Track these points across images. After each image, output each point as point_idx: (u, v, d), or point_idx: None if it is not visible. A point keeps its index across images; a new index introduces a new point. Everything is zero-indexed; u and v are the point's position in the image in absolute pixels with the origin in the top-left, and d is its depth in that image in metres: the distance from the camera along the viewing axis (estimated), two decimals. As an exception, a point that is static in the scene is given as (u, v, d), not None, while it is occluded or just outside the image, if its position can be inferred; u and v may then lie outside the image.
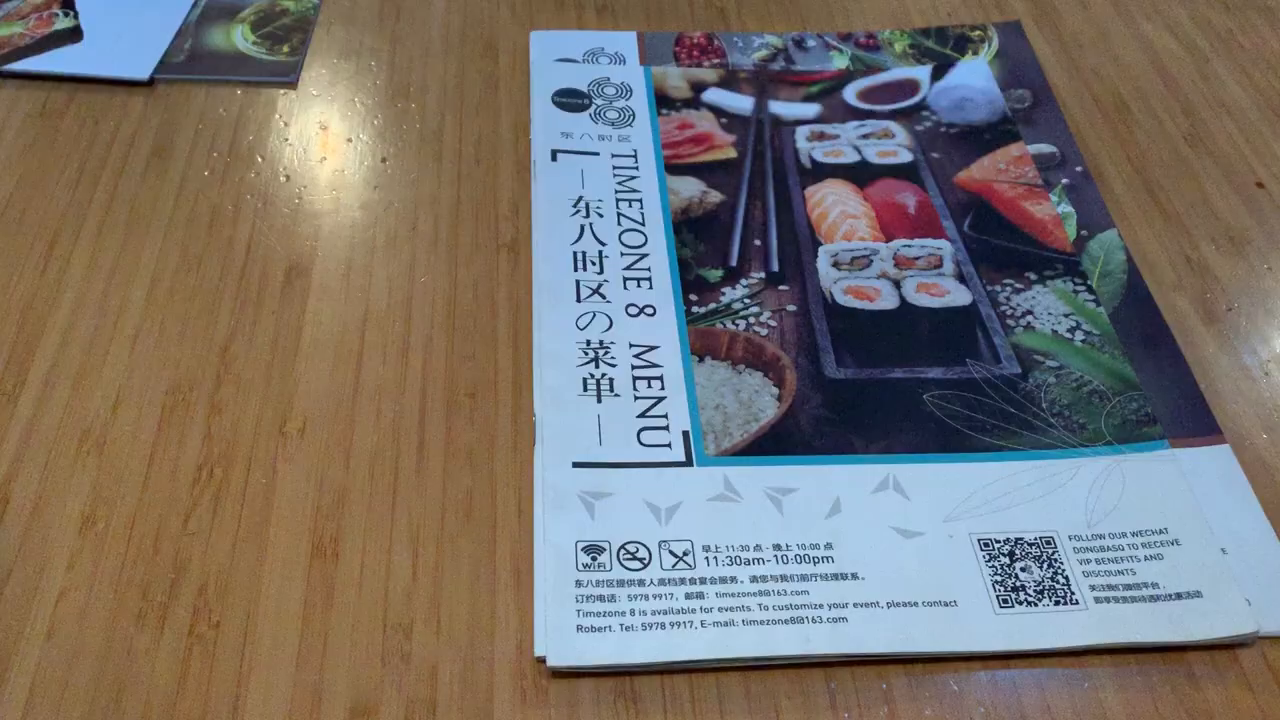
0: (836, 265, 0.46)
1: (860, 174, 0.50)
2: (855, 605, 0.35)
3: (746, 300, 0.44)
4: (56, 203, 0.47)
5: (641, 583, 0.35)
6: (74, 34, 0.54)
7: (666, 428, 0.40)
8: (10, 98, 0.52)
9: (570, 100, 0.53)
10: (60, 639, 0.34)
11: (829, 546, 0.37)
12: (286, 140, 0.51)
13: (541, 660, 0.34)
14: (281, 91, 0.53)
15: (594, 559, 0.36)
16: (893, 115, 0.53)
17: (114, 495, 0.37)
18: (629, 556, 0.36)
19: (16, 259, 0.45)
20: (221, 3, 0.57)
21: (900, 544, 0.37)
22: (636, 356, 0.42)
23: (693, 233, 0.47)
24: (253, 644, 0.34)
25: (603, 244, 0.46)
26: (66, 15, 0.55)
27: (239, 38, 0.55)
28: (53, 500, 0.37)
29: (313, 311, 0.43)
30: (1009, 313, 0.45)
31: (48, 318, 0.43)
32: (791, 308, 0.44)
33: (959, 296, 0.45)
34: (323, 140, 0.51)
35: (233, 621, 0.34)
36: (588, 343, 0.42)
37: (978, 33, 0.58)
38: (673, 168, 0.50)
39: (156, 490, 0.38)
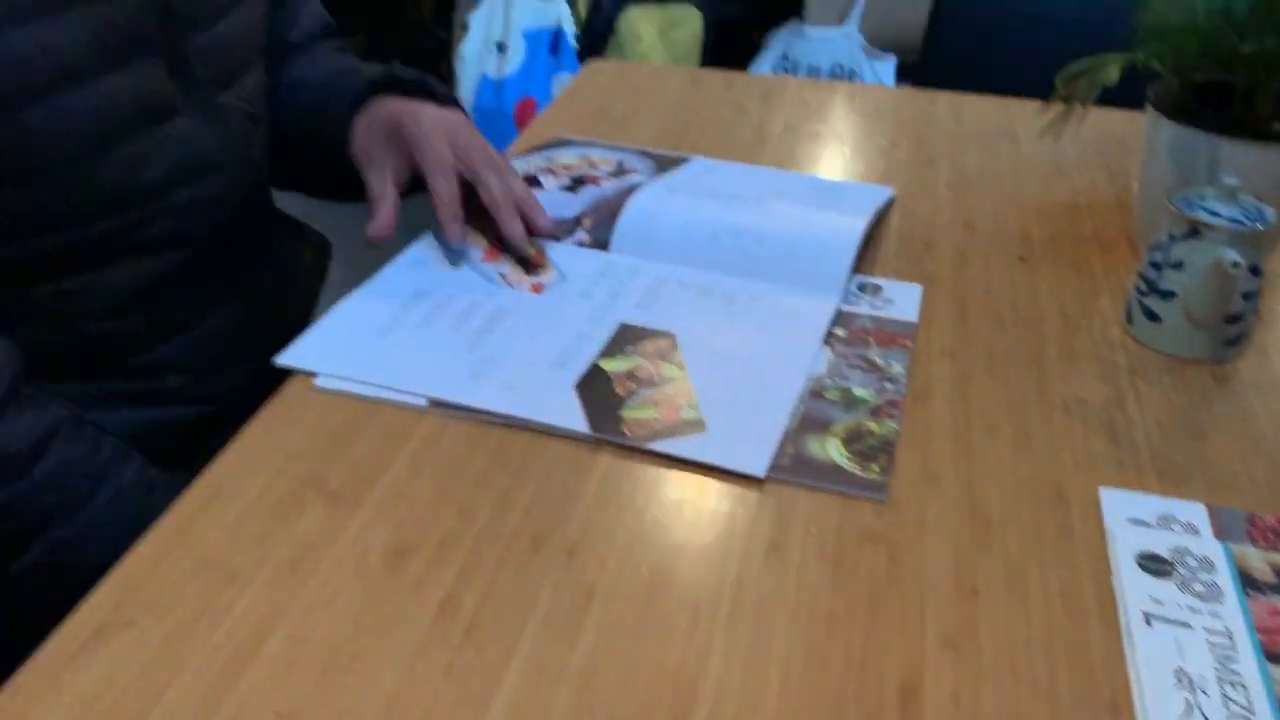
0: None
1: None
2: None
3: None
4: (699, 579, 0.54)
5: None
6: (697, 425, 0.65)
7: None
8: (653, 475, 0.61)
9: (1154, 565, 0.55)
10: None
11: None
12: (890, 556, 0.56)
13: None
14: (874, 506, 0.60)
15: None
16: None
17: None
18: None
19: (668, 623, 0.52)
20: (815, 417, 0.66)
21: None
22: None
23: (1309, 734, 0.46)
24: None
25: (1211, 726, 0.47)
26: (691, 408, 0.66)
27: (833, 450, 0.63)
28: None
29: (930, 734, 0.47)
30: None
31: (697, 685, 0.48)
32: None
33: None
34: (914, 562, 0.56)
35: None
36: (1216, 835, 0.42)
37: None
38: (1273, 655, 0.50)
39: None
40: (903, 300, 0.78)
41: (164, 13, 0.74)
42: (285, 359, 0.69)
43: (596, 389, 0.67)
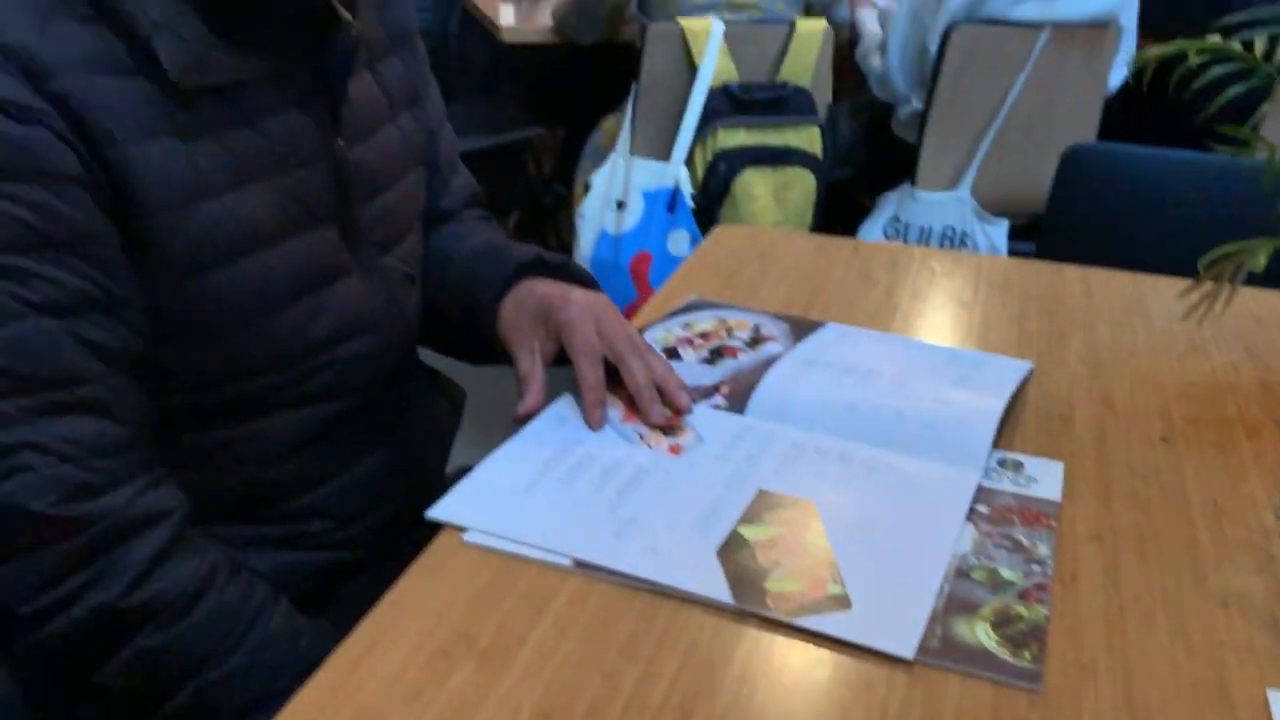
0: None
1: None
2: None
3: None
4: (846, 763, 0.53)
5: None
6: (843, 601, 0.64)
7: None
8: (799, 651, 0.61)
9: (1337, 780, 0.52)
10: None
11: None
12: (1047, 752, 0.54)
13: None
14: (1028, 695, 0.58)
15: None
16: None
17: None
18: None
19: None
20: (961, 597, 0.65)
21: None
22: None
23: None
24: None
25: None
26: (835, 583, 0.66)
27: (982, 634, 0.62)
28: None
29: None
30: None
31: None
32: None
33: None
34: (1077, 759, 0.54)
35: None
36: None
37: None
38: None
39: None
40: (1045, 478, 0.77)
41: (341, 184, 0.80)
42: (436, 513, 0.71)
43: (738, 557, 0.68)
